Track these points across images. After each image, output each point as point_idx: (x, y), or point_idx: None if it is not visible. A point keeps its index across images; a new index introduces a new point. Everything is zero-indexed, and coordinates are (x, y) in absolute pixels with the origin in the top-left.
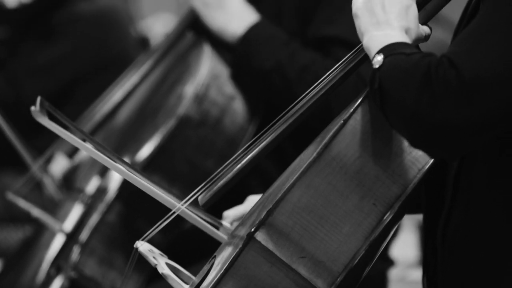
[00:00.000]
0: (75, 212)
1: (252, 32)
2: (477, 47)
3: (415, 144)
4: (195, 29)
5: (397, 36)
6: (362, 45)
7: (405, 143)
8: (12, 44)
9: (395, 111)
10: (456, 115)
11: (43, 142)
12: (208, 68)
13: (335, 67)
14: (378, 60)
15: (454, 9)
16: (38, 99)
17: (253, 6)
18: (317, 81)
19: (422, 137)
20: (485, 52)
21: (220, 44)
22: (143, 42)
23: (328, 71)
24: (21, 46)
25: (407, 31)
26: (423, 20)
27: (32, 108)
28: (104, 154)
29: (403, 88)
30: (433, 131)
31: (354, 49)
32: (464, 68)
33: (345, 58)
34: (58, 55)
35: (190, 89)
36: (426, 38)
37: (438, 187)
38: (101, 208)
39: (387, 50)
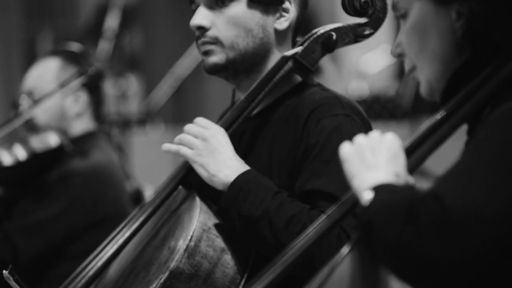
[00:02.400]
0: None
1: (242, 180)
2: (461, 184)
3: (400, 277)
4: (186, 183)
5: (388, 178)
6: (346, 199)
7: None
8: (7, 202)
9: (382, 246)
10: (439, 250)
11: None
12: (199, 221)
13: (321, 219)
14: (366, 198)
15: (439, 163)
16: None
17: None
18: (303, 231)
19: (406, 270)
20: (469, 190)
21: (211, 198)
22: (137, 197)
23: (313, 222)
24: (15, 204)
25: (397, 176)
26: (408, 171)
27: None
28: None
29: (389, 223)
30: (417, 265)
31: (339, 203)
32: (448, 204)
33: (330, 211)
34: (52, 213)
35: (181, 243)
36: None
37: None
38: None
39: (375, 188)
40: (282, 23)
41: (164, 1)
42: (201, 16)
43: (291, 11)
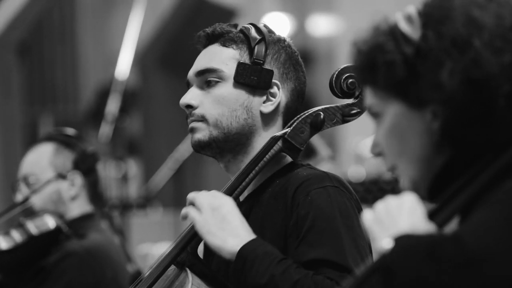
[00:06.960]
0: None
1: (247, 249)
2: (482, 229)
3: None
4: (179, 262)
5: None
6: (361, 271)
7: None
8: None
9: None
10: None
11: None
12: None
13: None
14: (386, 246)
15: None
16: None
17: None
18: None
19: None
20: (489, 232)
21: (203, 275)
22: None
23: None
24: None
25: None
26: None
27: None
28: None
29: (410, 262)
30: None
31: (355, 275)
32: (469, 245)
33: (345, 283)
34: None
35: None
36: None
37: None
38: None
39: (396, 238)
40: (268, 107)
41: (163, 86)
42: (190, 96)
43: (279, 96)
